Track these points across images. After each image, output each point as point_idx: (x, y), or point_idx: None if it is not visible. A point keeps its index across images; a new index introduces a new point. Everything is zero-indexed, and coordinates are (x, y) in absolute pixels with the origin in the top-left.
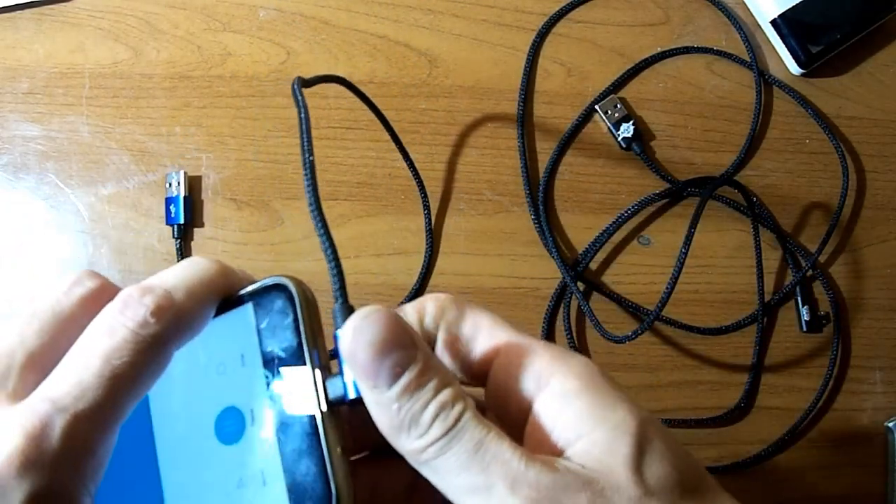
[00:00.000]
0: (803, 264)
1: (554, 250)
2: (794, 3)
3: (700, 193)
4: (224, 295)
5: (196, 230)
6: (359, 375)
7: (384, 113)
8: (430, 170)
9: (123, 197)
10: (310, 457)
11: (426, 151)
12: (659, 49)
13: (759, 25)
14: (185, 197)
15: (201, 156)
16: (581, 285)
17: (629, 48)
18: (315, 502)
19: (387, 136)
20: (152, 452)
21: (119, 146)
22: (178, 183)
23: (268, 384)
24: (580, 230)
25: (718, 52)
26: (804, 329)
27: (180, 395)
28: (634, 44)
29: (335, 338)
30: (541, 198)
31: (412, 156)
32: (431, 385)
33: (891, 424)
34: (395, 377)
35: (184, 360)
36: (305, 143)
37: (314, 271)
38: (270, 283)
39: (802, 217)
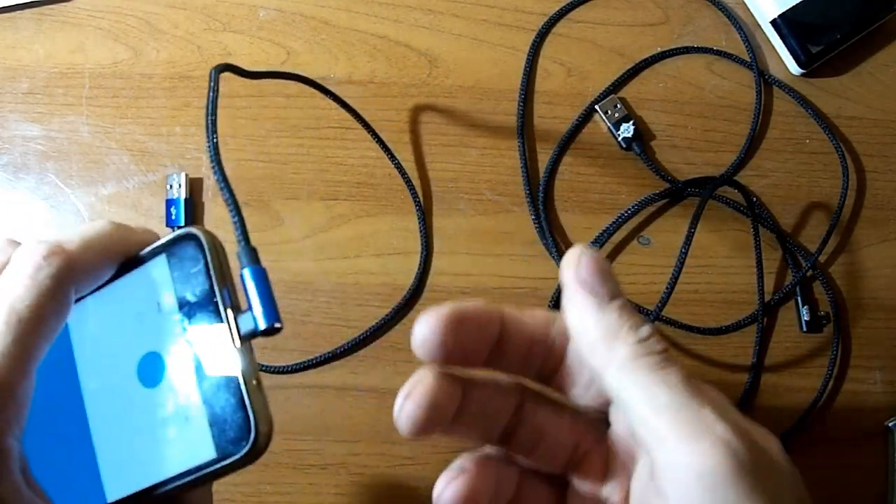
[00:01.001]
0: (803, 264)
1: (554, 250)
2: (794, 3)
3: (700, 193)
4: (123, 247)
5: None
6: (587, 284)
7: (384, 113)
8: (430, 170)
9: (123, 197)
10: (227, 390)
11: (426, 151)
12: (659, 49)
13: (759, 25)
14: (185, 199)
15: (201, 156)
16: None
17: (629, 48)
18: (235, 431)
19: (387, 137)
20: (80, 403)
21: (119, 146)
22: (180, 185)
23: (184, 327)
24: (580, 230)
25: (718, 52)
26: (804, 329)
27: (103, 346)
28: (634, 44)
29: (241, 277)
30: (541, 198)
31: (413, 156)
32: (641, 315)
33: (891, 424)
34: (613, 295)
35: (104, 311)
36: (210, 125)
37: (316, 271)
38: (181, 234)
39: (802, 217)
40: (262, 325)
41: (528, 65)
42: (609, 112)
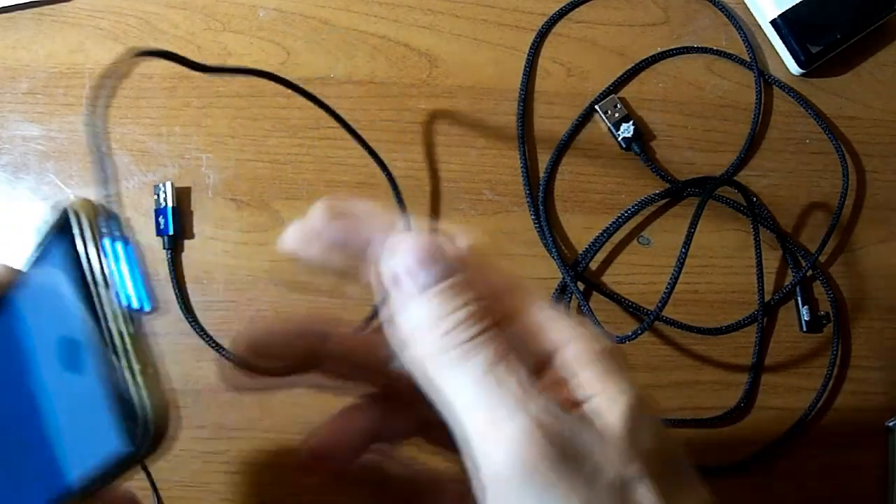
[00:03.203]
0: (803, 264)
1: (554, 250)
2: (794, 3)
3: (700, 193)
4: None
5: (197, 227)
6: (402, 274)
7: (384, 113)
8: (430, 170)
9: (123, 197)
10: (122, 377)
11: (426, 151)
12: (659, 49)
13: (759, 25)
14: (173, 207)
15: (201, 156)
16: (581, 285)
17: (629, 48)
18: (132, 418)
19: (386, 137)
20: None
21: (119, 146)
22: (166, 194)
23: (82, 309)
24: (580, 230)
25: (718, 52)
26: (804, 329)
27: (41, 333)
28: (634, 44)
29: (103, 250)
30: (541, 198)
31: (413, 156)
32: (467, 296)
33: (891, 424)
34: (437, 280)
35: (37, 295)
36: None
37: (314, 271)
38: (62, 209)
39: (802, 217)
40: (136, 305)
41: (528, 65)
42: (609, 112)
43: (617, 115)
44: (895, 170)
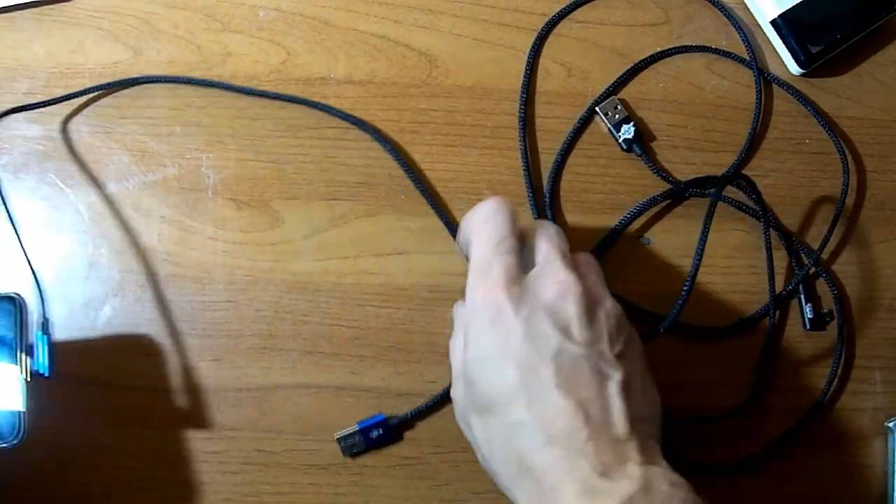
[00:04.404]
0: (805, 262)
1: None
2: (794, 3)
3: (702, 194)
4: None
5: (199, 229)
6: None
7: (384, 113)
8: (430, 170)
9: (123, 197)
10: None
11: (426, 151)
12: (659, 49)
13: (759, 25)
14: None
15: (201, 156)
16: None
17: (629, 48)
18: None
19: (386, 137)
20: None
21: (119, 146)
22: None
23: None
24: (581, 231)
25: (718, 52)
26: (807, 327)
27: None
28: (634, 44)
29: (37, 336)
30: (543, 198)
31: (413, 156)
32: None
33: (891, 424)
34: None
35: None
36: None
37: (314, 271)
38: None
39: (803, 217)
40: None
41: (529, 65)
42: (609, 114)
43: (617, 116)
44: (895, 170)
